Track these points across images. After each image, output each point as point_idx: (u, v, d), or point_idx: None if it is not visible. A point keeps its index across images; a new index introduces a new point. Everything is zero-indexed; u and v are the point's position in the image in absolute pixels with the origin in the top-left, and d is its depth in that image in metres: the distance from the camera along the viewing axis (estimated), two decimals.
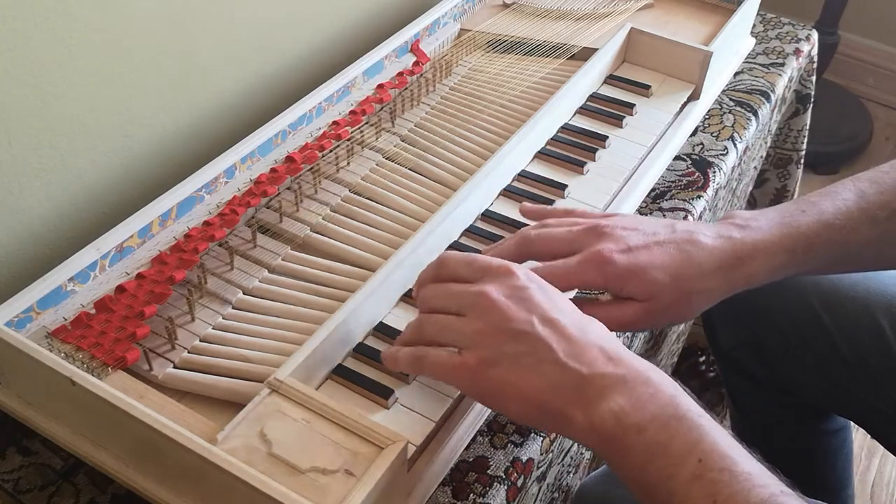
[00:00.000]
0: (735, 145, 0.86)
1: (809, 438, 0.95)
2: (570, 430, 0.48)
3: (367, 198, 0.70)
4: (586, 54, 0.85)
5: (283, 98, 0.85)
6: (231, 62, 0.79)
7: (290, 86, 0.87)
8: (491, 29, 0.91)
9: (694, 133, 0.87)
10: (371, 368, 0.57)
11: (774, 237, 0.57)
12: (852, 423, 0.93)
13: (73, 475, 0.56)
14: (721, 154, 0.85)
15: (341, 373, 0.57)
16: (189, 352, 0.57)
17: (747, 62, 0.98)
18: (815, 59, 1.06)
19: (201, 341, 0.58)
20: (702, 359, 1.36)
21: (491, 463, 0.57)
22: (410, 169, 0.73)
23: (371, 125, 0.77)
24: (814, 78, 1.07)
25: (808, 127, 1.12)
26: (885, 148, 2.04)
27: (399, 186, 0.71)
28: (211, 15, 0.75)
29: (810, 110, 1.10)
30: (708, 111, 0.89)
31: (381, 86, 0.80)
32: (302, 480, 0.47)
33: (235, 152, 0.69)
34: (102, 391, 0.50)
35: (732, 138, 0.87)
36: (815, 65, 1.07)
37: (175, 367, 0.56)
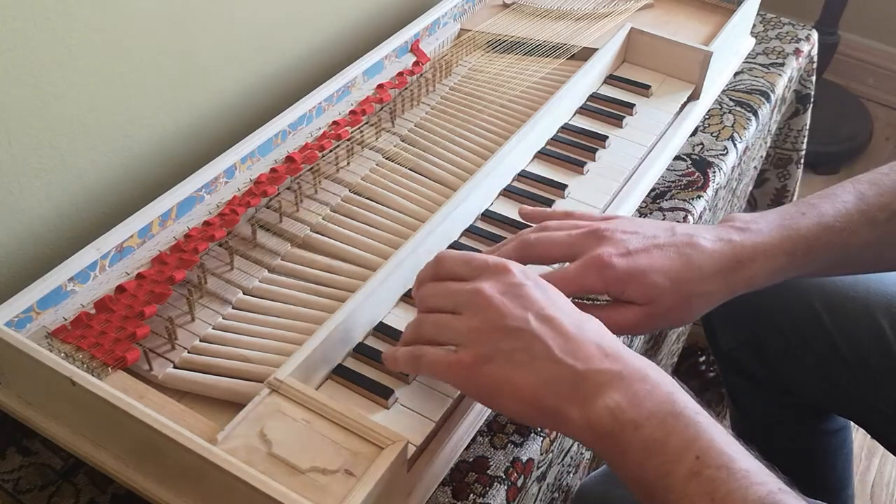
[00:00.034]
0: (735, 145, 0.86)
1: (809, 438, 0.95)
2: (567, 427, 0.48)
3: (367, 198, 0.70)
4: (586, 54, 0.85)
5: (283, 98, 0.85)
6: (231, 62, 0.79)
7: (290, 86, 0.87)
8: (491, 29, 0.91)
9: (694, 133, 0.87)
10: (371, 368, 0.57)
11: (774, 240, 0.57)
12: (852, 423, 0.93)
13: (73, 475, 0.56)
14: (721, 154, 0.85)
15: (341, 373, 0.57)
16: (189, 352, 0.57)
17: (747, 62, 0.98)
18: (815, 59, 1.06)
19: (201, 341, 0.58)
20: (702, 359, 1.36)
21: (491, 463, 0.57)
22: (410, 169, 0.73)
23: (371, 125, 0.77)
24: (814, 78, 1.07)
25: (808, 127, 1.12)
26: (885, 148, 2.04)
27: (399, 186, 0.71)
28: (211, 15, 0.75)
29: (810, 110, 1.10)
30: (708, 111, 0.89)
31: (381, 86, 0.80)
32: (302, 480, 0.47)
33: (235, 152, 0.69)
34: (102, 391, 0.50)
35: (732, 138, 0.87)
36: (815, 65, 1.07)
37: (175, 367, 0.56)
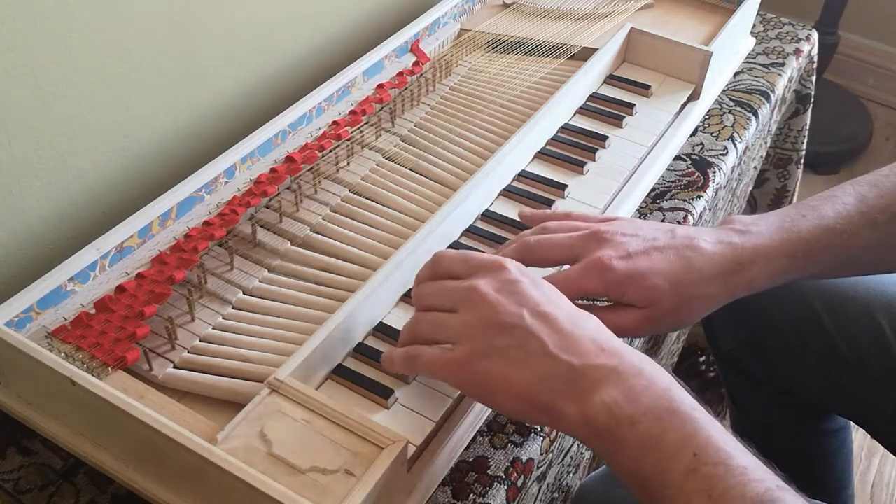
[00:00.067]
0: (735, 145, 0.86)
1: (809, 438, 0.95)
2: (563, 424, 0.47)
3: (367, 198, 0.70)
4: (586, 54, 0.85)
5: (283, 98, 0.85)
6: (231, 62, 0.79)
7: (290, 86, 0.87)
8: (491, 29, 0.91)
9: (694, 133, 0.87)
10: (371, 368, 0.57)
11: (775, 242, 0.57)
12: (852, 423, 0.93)
13: (73, 475, 0.56)
14: (721, 154, 0.85)
15: (341, 373, 0.57)
16: (189, 352, 0.57)
17: (747, 62, 0.98)
18: (815, 59, 1.06)
19: (201, 341, 0.58)
20: (702, 359, 1.36)
21: (491, 463, 0.57)
22: (410, 169, 0.73)
23: (371, 125, 0.77)
24: (814, 78, 1.07)
25: (808, 127, 1.12)
26: (885, 148, 2.04)
27: (399, 186, 0.71)
28: (211, 15, 0.75)
29: (810, 110, 1.10)
30: (708, 111, 0.89)
31: (381, 86, 0.80)
32: (302, 480, 0.47)
33: (235, 152, 0.69)
34: (102, 391, 0.50)
35: (732, 138, 0.87)
36: (815, 65, 1.07)
37: (175, 367, 0.56)
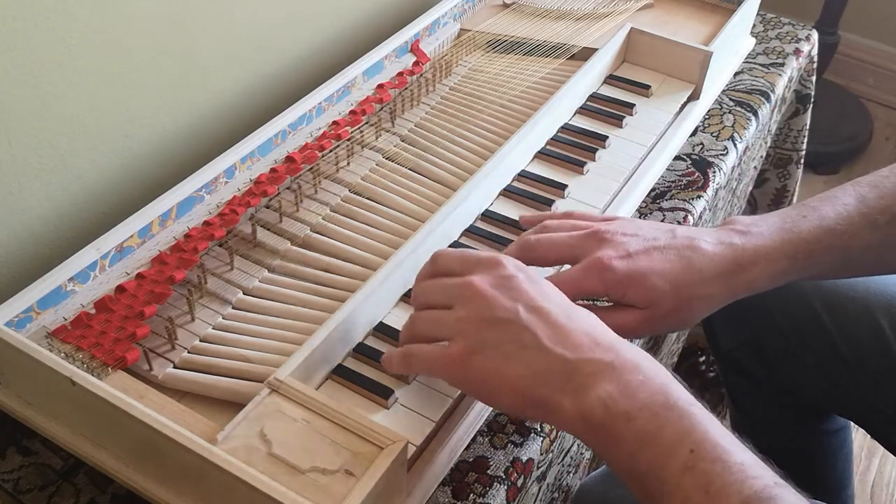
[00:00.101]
0: (735, 145, 0.86)
1: (809, 438, 0.95)
2: (558, 418, 0.47)
3: (367, 198, 0.70)
4: (586, 54, 0.85)
5: (283, 98, 0.85)
6: (231, 62, 0.79)
7: (290, 86, 0.87)
8: (491, 29, 0.91)
9: (694, 133, 0.87)
10: (371, 368, 0.57)
11: (776, 243, 0.57)
12: (852, 423, 0.93)
13: (73, 475, 0.56)
14: (721, 154, 0.85)
15: (341, 373, 0.57)
16: (189, 352, 0.57)
17: (747, 62, 0.98)
18: (815, 59, 1.06)
19: (201, 341, 0.58)
20: (702, 359, 1.36)
21: (491, 463, 0.57)
22: (410, 169, 0.73)
23: (371, 125, 0.77)
24: (814, 78, 1.07)
25: (808, 127, 1.12)
26: (885, 148, 2.04)
27: (399, 186, 0.71)
28: (211, 15, 0.75)
29: (810, 110, 1.10)
30: (708, 111, 0.89)
31: (381, 86, 0.80)
32: (302, 480, 0.47)
33: (235, 152, 0.69)
34: (102, 391, 0.50)
35: (732, 138, 0.87)
36: (815, 65, 1.07)
37: (175, 367, 0.56)
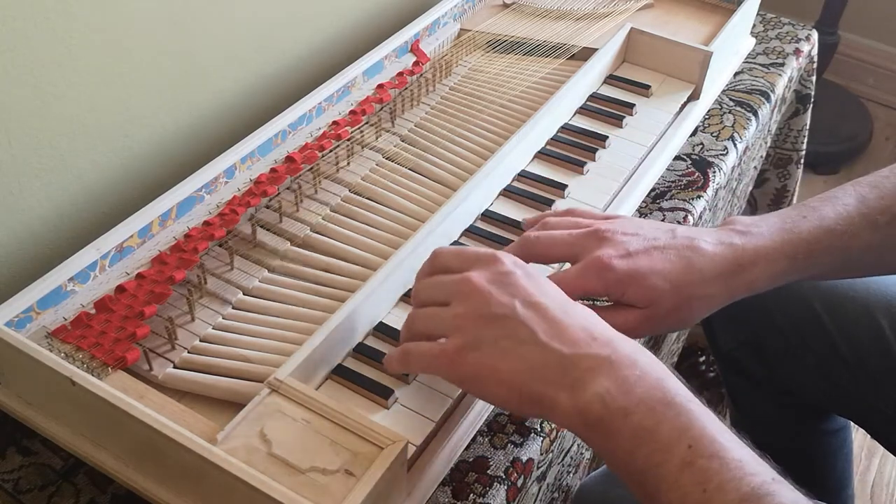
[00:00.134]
0: (735, 145, 0.86)
1: (809, 438, 0.95)
2: (555, 413, 0.47)
3: (367, 198, 0.70)
4: (586, 54, 0.85)
5: (283, 98, 0.85)
6: (231, 62, 0.79)
7: (290, 86, 0.87)
8: (491, 29, 0.91)
9: (694, 133, 0.87)
10: (371, 368, 0.57)
11: (776, 243, 0.57)
12: (852, 423, 0.93)
13: (73, 475, 0.56)
14: (721, 154, 0.85)
15: (341, 373, 0.57)
16: (189, 352, 0.57)
17: (747, 62, 0.98)
18: (815, 59, 1.06)
19: (201, 341, 0.58)
20: (702, 359, 1.36)
21: (491, 463, 0.57)
22: (410, 169, 0.73)
23: (371, 125, 0.77)
24: (814, 78, 1.07)
25: (808, 127, 1.12)
26: (885, 148, 2.04)
27: (399, 186, 0.71)
28: (211, 15, 0.75)
29: (810, 110, 1.10)
30: (708, 111, 0.89)
31: (381, 86, 0.80)
32: (302, 480, 0.47)
33: (235, 152, 0.69)
34: (102, 391, 0.50)
35: (732, 138, 0.87)
36: (815, 65, 1.07)
37: (175, 367, 0.56)
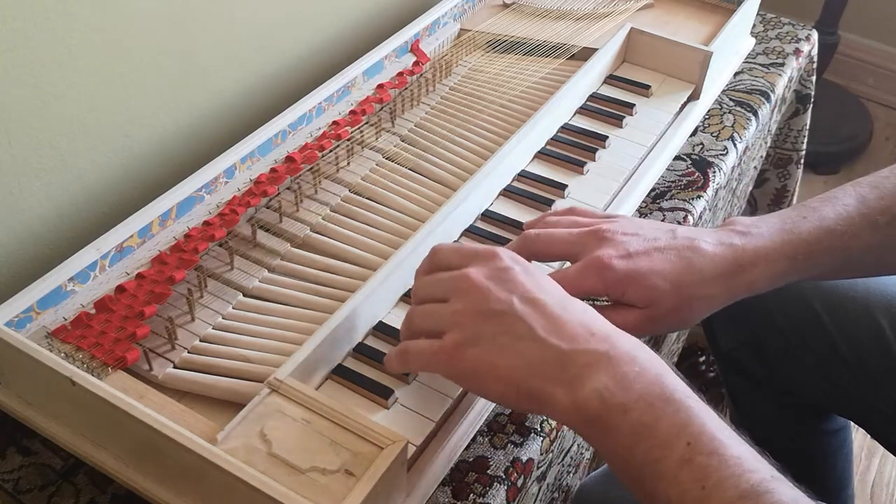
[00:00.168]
0: (735, 145, 0.86)
1: (809, 438, 0.95)
2: (553, 409, 0.47)
3: (367, 198, 0.70)
4: (586, 54, 0.85)
5: (283, 98, 0.85)
6: (231, 62, 0.79)
7: (290, 86, 0.87)
8: (491, 29, 0.91)
9: (694, 133, 0.87)
10: (371, 368, 0.57)
11: (776, 244, 0.57)
12: (852, 423, 0.93)
13: (73, 475, 0.56)
14: (721, 154, 0.85)
15: (341, 373, 0.57)
16: (189, 352, 0.57)
17: (747, 62, 0.98)
18: (815, 59, 1.06)
19: (201, 341, 0.58)
20: (702, 359, 1.36)
21: (491, 463, 0.57)
22: (410, 169, 0.73)
23: (371, 125, 0.77)
24: (814, 78, 1.07)
25: (808, 127, 1.12)
26: (885, 148, 2.04)
27: (399, 186, 0.71)
28: (211, 15, 0.75)
29: (810, 110, 1.10)
30: (708, 111, 0.89)
31: (381, 86, 0.80)
32: (302, 480, 0.47)
33: (235, 152, 0.69)
34: (102, 391, 0.50)
35: (732, 138, 0.87)
36: (815, 65, 1.07)
37: (175, 367, 0.56)
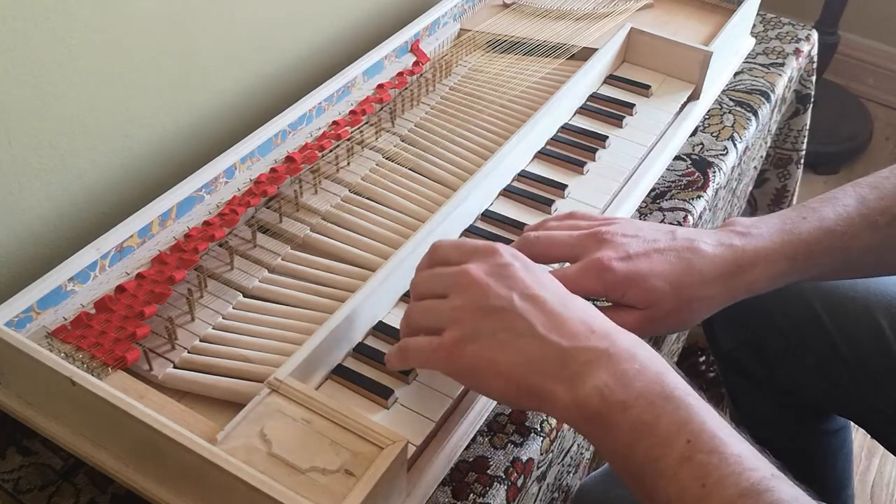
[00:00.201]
0: (735, 145, 0.86)
1: (809, 438, 0.95)
2: (552, 406, 0.47)
3: (367, 198, 0.70)
4: (586, 54, 0.85)
5: (283, 98, 0.85)
6: (231, 62, 0.79)
7: (290, 86, 0.87)
8: (491, 29, 0.91)
9: (694, 133, 0.87)
10: (371, 368, 0.57)
11: (776, 244, 0.57)
12: (852, 423, 0.93)
13: (73, 475, 0.56)
14: (721, 154, 0.85)
15: (341, 373, 0.57)
16: (189, 352, 0.57)
17: (747, 62, 0.98)
18: (815, 59, 1.06)
19: (201, 341, 0.58)
20: (702, 359, 1.36)
21: (491, 463, 0.57)
22: (410, 169, 0.73)
23: (371, 125, 0.77)
24: (814, 78, 1.07)
25: (808, 127, 1.12)
26: (885, 148, 2.04)
27: (399, 186, 0.71)
28: (211, 15, 0.75)
29: (810, 110, 1.10)
30: (708, 111, 0.89)
31: (381, 86, 0.80)
32: (302, 480, 0.47)
33: (235, 152, 0.69)
34: (102, 391, 0.50)
35: (732, 138, 0.87)
36: (815, 65, 1.07)
37: (175, 367, 0.56)
